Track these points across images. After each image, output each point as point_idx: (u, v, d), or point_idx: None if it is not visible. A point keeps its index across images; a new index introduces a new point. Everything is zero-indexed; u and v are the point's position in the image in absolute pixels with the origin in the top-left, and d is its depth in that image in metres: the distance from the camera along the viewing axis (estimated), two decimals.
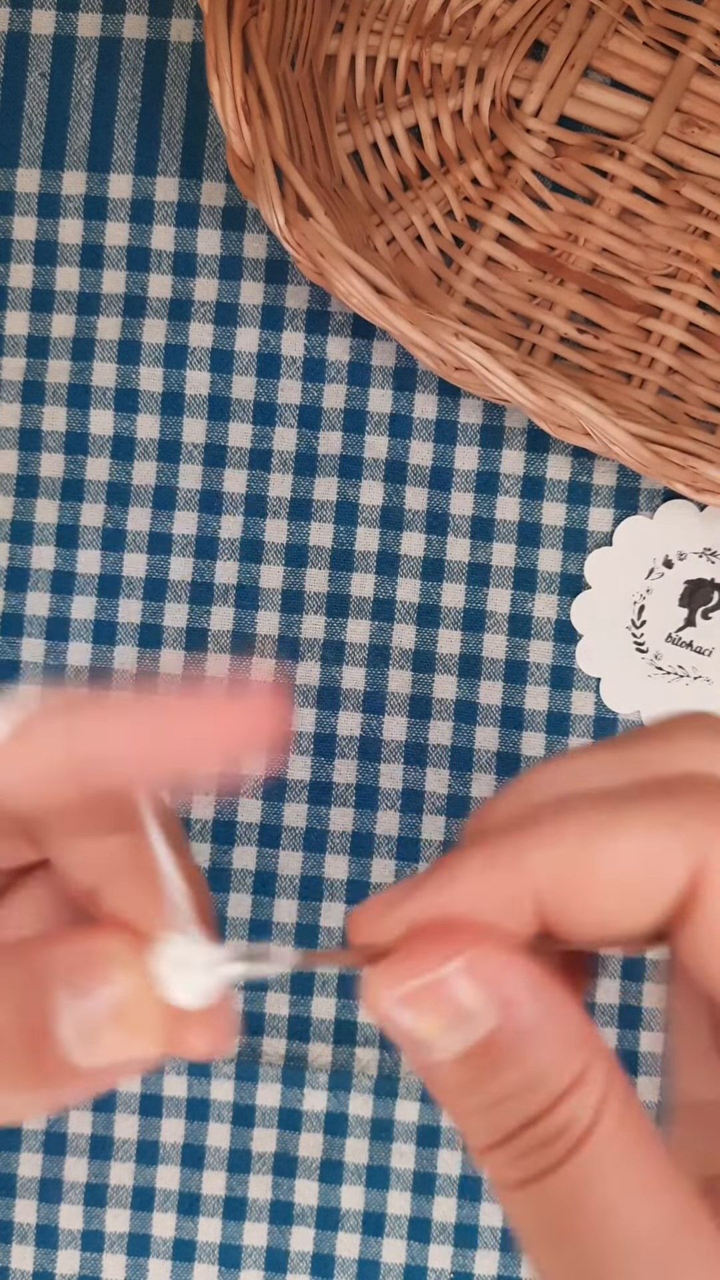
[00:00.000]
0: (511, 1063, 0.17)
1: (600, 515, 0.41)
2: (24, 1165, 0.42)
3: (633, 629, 0.41)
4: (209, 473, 0.41)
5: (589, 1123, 0.17)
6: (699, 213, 0.41)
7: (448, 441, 0.41)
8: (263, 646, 0.41)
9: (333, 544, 0.41)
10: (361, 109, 0.40)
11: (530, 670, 0.41)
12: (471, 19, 0.40)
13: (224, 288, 0.41)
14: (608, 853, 0.17)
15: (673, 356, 0.41)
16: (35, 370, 0.41)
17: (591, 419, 0.36)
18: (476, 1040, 0.17)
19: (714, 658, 0.41)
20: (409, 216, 0.40)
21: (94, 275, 0.41)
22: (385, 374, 0.41)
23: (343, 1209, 0.41)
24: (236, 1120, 0.41)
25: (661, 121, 0.40)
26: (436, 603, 0.41)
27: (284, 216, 0.34)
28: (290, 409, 0.41)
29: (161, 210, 0.41)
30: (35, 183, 0.41)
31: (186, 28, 0.41)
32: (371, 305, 0.35)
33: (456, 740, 0.41)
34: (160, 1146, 0.41)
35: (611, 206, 0.41)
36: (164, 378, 0.41)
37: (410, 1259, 0.41)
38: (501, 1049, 0.17)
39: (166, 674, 0.41)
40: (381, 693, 0.41)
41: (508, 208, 0.41)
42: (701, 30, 0.40)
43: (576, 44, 0.40)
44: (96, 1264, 0.41)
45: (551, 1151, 0.17)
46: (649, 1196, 0.17)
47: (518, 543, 0.41)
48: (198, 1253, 0.41)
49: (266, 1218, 0.41)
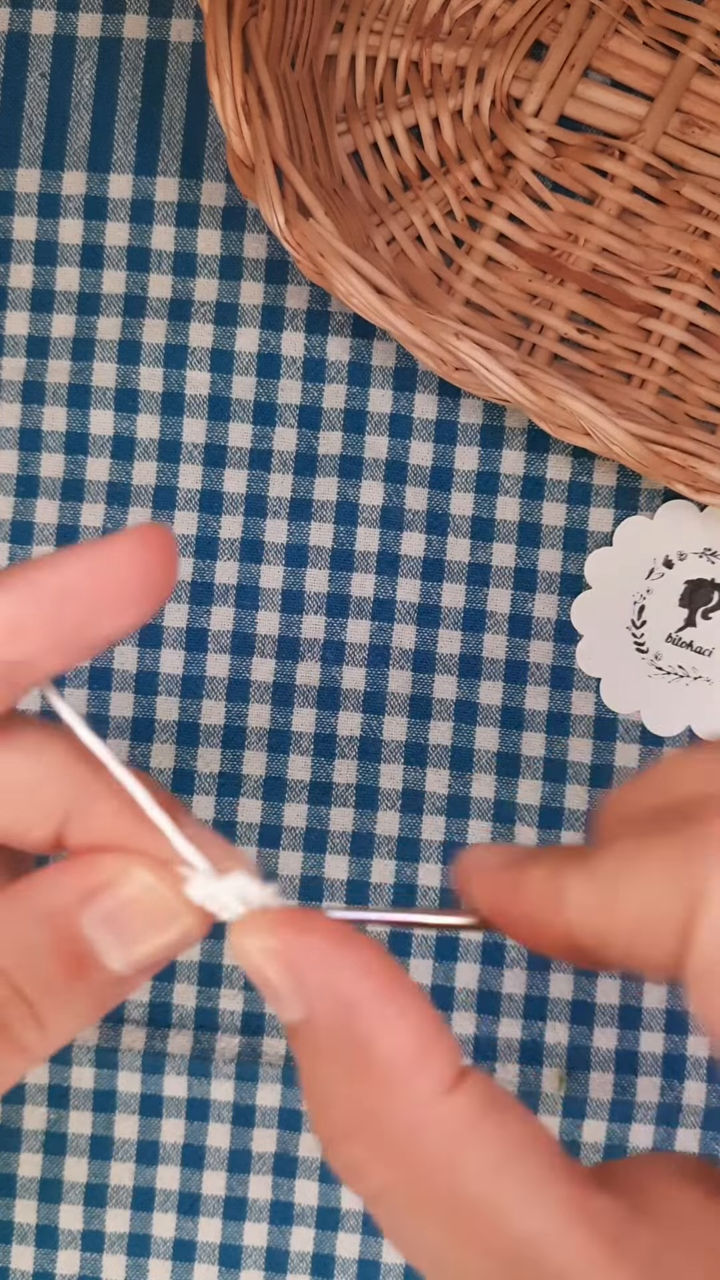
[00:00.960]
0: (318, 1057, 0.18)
1: (600, 515, 0.41)
2: (24, 1165, 0.42)
3: (633, 629, 0.41)
4: (209, 473, 0.41)
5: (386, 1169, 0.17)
6: (699, 213, 0.41)
7: (448, 441, 0.41)
8: (263, 646, 0.41)
9: (333, 544, 0.41)
10: (361, 109, 0.40)
11: (530, 670, 0.41)
12: (471, 19, 0.40)
13: (224, 288, 0.41)
14: (621, 903, 0.18)
15: (673, 356, 0.41)
16: (35, 370, 0.41)
17: (591, 419, 0.36)
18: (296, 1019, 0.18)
19: (714, 658, 0.41)
20: (409, 216, 0.40)
21: (94, 275, 0.41)
22: (385, 374, 0.41)
23: (343, 1209, 0.41)
24: (236, 1120, 0.41)
25: (661, 121, 0.40)
26: (436, 603, 0.41)
27: (284, 216, 0.34)
28: (290, 409, 0.41)
29: (161, 210, 0.41)
30: (35, 183, 0.41)
31: (186, 28, 0.41)
32: (371, 305, 0.35)
33: (456, 740, 0.41)
34: (160, 1146, 0.41)
35: (611, 206, 0.41)
36: (164, 378, 0.41)
37: None
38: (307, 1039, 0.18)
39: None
40: (381, 693, 0.41)
41: (508, 208, 0.41)
42: (701, 30, 0.40)
43: (576, 44, 0.40)
44: (96, 1264, 0.41)
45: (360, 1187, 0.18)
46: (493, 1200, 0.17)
47: (518, 543, 0.41)
48: (198, 1253, 0.41)
49: (266, 1218, 0.41)
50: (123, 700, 0.41)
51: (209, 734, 0.41)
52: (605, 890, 0.18)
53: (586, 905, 0.18)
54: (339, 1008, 0.18)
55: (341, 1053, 0.18)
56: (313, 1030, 0.18)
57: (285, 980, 0.18)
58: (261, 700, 0.41)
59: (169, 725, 0.41)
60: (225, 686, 0.41)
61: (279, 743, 0.41)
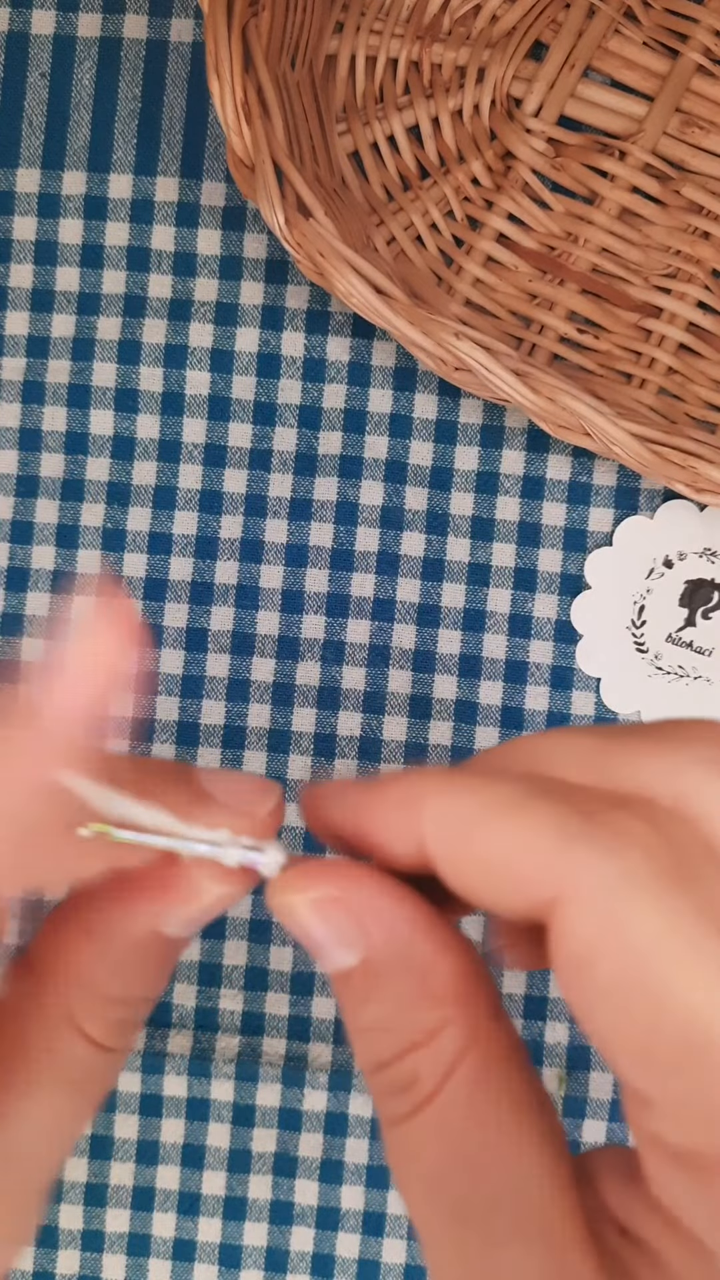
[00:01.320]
0: (372, 996, 0.19)
1: (600, 515, 0.41)
2: None
3: (633, 629, 0.41)
4: (209, 473, 0.41)
5: (436, 1080, 0.18)
6: (699, 213, 0.41)
7: (448, 441, 0.41)
8: (263, 647, 0.41)
9: (333, 544, 0.41)
10: (361, 109, 0.40)
11: (530, 670, 0.41)
12: (471, 19, 0.40)
13: (224, 288, 0.41)
14: (480, 834, 0.18)
15: (673, 356, 0.41)
16: (35, 370, 0.41)
17: (591, 419, 0.36)
18: (353, 964, 0.19)
19: (714, 658, 0.41)
20: (409, 216, 0.40)
21: (94, 275, 0.41)
22: (385, 374, 0.41)
23: (343, 1209, 0.41)
24: (236, 1120, 0.41)
25: (661, 121, 0.40)
26: (436, 603, 0.41)
27: (284, 216, 0.34)
28: (290, 409, 0.41)
29: (161, 210, 0.41)
30: (35, 183, 0.41)
31: (186, 28, 0.41)
32: (371, 305, 0.35)
33: (456, 740, 0.41)
34: (160, 1146, 0.41)
35: (611, 206, 0.41)
36: (164, 378, 0.41)
37: (410, 1259, 0.41)
38: (366, 980, 0.19)
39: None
40: (381, 693, 0.41)
41: (508, 208, 0.41)
42: (701, 30, 0.40)
43: (576, 44, 0.40)
44: (96, 1264, 0.41)
45: (405, 1099, 0.18)
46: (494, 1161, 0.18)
47: (518, 543, 0.41)
48: (198, 1253, 0.41)
49: (266, 1218, 0.41)
50: (123, 700, 0.41)
51: (209, 734, 0.41)
52: (475, 815, 0.18)
53: (447, 820, 0.18)
54: (400, 943, 0.19)
55: (401, 983, 0.18)
56: (372, 966, 0.19)
57: (340, 925, 0.19)
58: (261, 700, 0.41)
59: (169, 725, 0.41)
60: (225, 686, 0.41)
61: (279, 743, 0.41)
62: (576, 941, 0.17)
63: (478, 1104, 0.18)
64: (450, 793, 0.18)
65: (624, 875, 0.17)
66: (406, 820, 0.19)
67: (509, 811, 0.18)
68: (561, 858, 0.17)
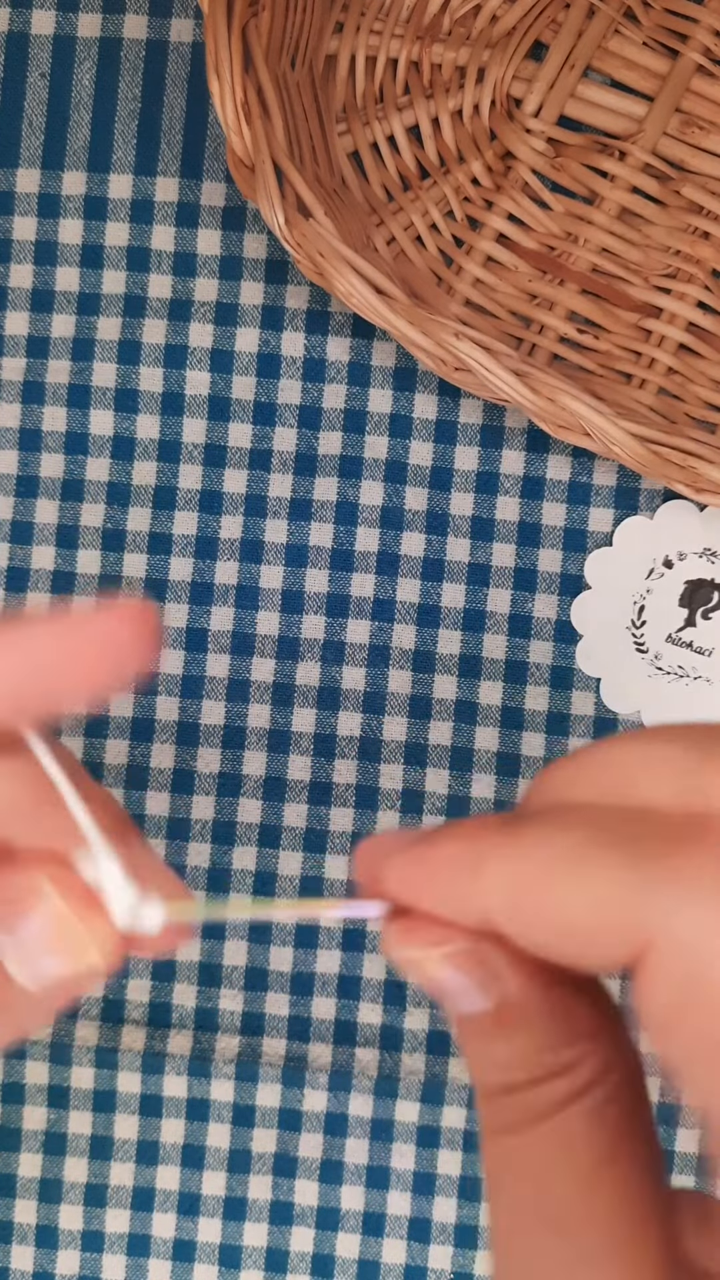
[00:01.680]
0: (503, 1036, 0.19)
1: (600, 515, 0.41)
2: (24, 1165, 0.42)
3: (633, 629, 0.41)
4: (209, 473, 0.41)
5: (562, 1102, 0.18)
6: (699, 213, 0.41)
7: (448, 441, 0.41)
8: (263, 647, 0.41)
9: (333, 544, 0.41)
10: (361, 109, 0.40)
11: (530, 670, 0.41)
12: (471, 19, 0.40)
13: (224, 288, 0.41)
14: (549, 898, 0.17)
15: (673, 356, 0.41)
16: (35, 370, 0.41)
17: (591, 419, 0.36)
18: (485, 1008, 0.19)
19: (714, 658, 0.41)
20: (409, 216, 0.40)
21: (94, 275, 0.41)
22: (385, 374, 0.41)
23: (343, 1209, 0.41)
24: (236, 1120, 0.41)
25: (661, 121, 0.40)
26: (436, 603, 0.41)
27: (284, 216, 0.34)
28: (290, 409, 0.41)
29: (161, 210, 0.41)
30: (35, 183, 0.41)
31: (186, 28, 0.41)
32: (371, 305, 0.35)
33: (456, 740, 0.41)
34: (160, 1146, 0.41)
35: (611, 206, 0.41)
36: (164, 378, 0.41)
37: (410, 1259, 0.41)
38: (499, 1023, 0.19)
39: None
40: (381, 693, 0.41)
41: (508, 208, 0.41)
42: (701, 30, 0.40)
43: (576, 44, 0.40)
44: (96, 1264, 0.41)
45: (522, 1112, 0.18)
46: (604, 1182, 0.18)
47: (518, 543, 0.41)
48: (198, 1253, 0.41)
49: (266, 1218, 0.41)
50: (123, 700, 0.41)
51: (209, 734, 0.41)
52: (539, 876, 0.17)
53: (510, 885, 0.17)
54: (538, 988, 0.19)
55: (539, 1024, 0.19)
56: (508, 1011, 0.19)
57: (475, 976, 0.19)
58: (261, 700, 0.41)
59: (169, 725, 0.41)
60: (225, 686, 0.41)
61: (279, 743, 0.41)
62: (665, 994, 0.16)
63: (597, 1127, 0.18)
64: (511, 857, 0.17)
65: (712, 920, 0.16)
66: (467, 885, 0.18)
67: (576, 868, 0.17)
68: (639, 911, 0.16)
